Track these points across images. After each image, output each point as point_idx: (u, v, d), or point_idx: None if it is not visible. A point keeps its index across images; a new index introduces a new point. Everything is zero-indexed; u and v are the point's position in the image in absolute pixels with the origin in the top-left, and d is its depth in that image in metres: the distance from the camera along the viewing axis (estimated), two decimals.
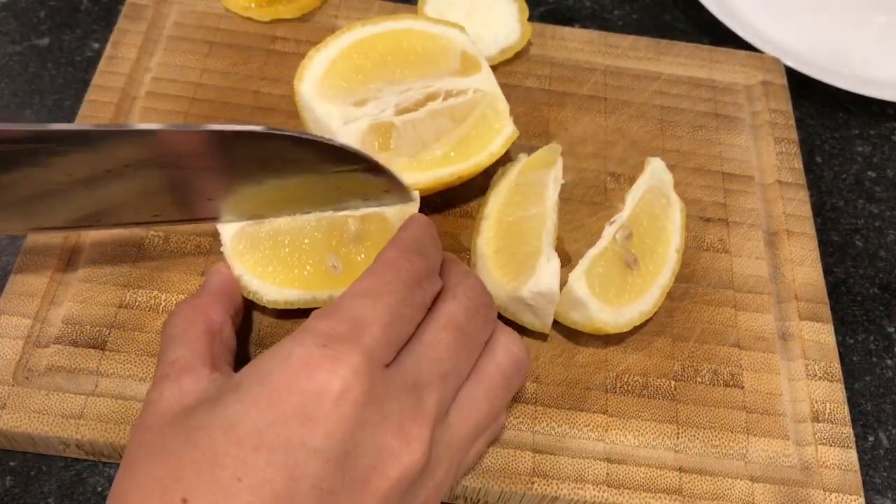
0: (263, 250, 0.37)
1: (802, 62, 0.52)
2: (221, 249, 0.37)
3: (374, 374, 0.28)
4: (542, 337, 0.40)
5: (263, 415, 0.27)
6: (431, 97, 0.41)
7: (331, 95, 0.40)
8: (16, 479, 0.37)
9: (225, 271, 0.37)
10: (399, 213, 0.39)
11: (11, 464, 0.37)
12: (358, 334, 0.29)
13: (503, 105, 0.42)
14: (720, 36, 0.58)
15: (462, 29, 0.43)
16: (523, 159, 0.43)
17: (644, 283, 0.40)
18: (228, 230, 0.37)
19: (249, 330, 0.39)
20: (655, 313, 0.40)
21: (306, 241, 0.38)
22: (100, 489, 0.37)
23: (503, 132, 0.42)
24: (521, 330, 0.39)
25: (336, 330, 0.29)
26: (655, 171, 0.42)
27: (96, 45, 0.52)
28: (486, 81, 0.42)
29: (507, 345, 0.34)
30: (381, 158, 0.37)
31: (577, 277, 0.38)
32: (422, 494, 0.30)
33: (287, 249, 0.37)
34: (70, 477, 0.37)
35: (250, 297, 0.37)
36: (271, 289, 0.37)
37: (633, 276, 0.40)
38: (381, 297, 0.30)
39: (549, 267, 0.37)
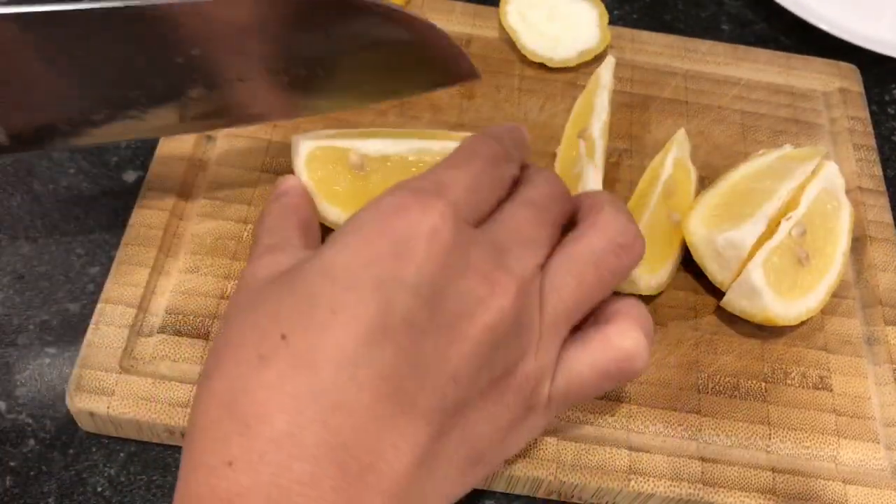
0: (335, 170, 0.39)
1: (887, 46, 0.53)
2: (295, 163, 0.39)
3: (459, 223, 0.29)
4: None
5: (357, 256, 0.28)
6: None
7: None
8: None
9: (299, 183, 0.39)
10: None
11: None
12: (443, 191, 0.30)
13: None
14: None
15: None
16: (788, 149, 0.44)
17: (813, 281, 0.40)
18: (304, 145, 0.39)
19: None
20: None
21: (388, 163, 0.39)
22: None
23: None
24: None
25: (423, 186, 0.30)
26: (829, 175, 0.42)
27: None
28: None
29: (604, 223, 0.33)
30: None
31: (756, 266, 0.39)
32: (512, 357, 0.30)
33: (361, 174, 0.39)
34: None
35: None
36: (334, 210, 0.39)
37: (804, 273, 0.40)
38: (462, 167, 0.32)
39: (752, 228, 0.39)
